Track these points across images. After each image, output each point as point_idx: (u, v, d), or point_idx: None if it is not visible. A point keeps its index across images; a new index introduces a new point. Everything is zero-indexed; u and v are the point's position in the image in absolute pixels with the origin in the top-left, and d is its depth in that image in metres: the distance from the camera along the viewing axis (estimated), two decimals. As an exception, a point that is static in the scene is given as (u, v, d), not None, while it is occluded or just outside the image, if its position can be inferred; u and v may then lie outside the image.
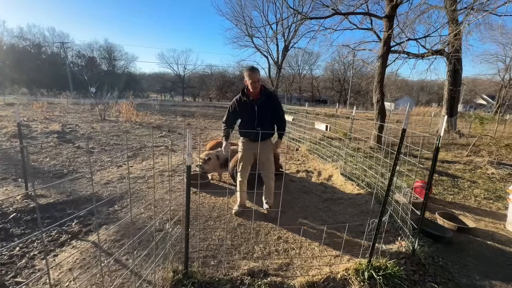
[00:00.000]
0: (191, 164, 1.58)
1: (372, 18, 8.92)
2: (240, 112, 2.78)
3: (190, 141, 1.54)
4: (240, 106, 2.76)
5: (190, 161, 1.56)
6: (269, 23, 22.34)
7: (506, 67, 27.12)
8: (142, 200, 3.24)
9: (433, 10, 9.15)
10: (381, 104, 7.28)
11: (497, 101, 28.82)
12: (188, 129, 1.50)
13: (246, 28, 24.51)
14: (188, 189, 1.62)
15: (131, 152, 5.51)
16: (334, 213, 3.26)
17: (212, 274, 1.86)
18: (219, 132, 9.15)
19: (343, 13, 7.63)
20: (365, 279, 1.94)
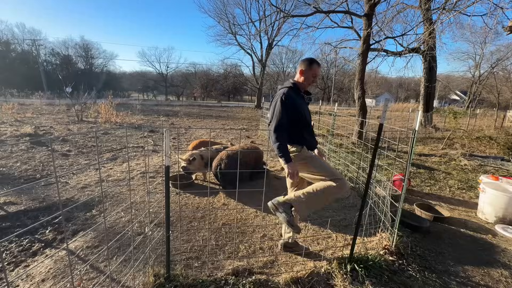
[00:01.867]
0: (169, 165, 1.53)
1: (352, 16, 9.13)
2: (300, 111, 2.00)
3: (169, 141, 1.49)
4: (301, 105, 2.03)
5: (168, 161, 1.51)
6: (252, 21, 22.24)
7: (476, 64, 28.79)
8: (122, 203, 3.12)
9: (409, 9, 9.53)
10: (362, 101, 7.48)
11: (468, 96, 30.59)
12: (166, 129, 1.45)
13: (229, 26, 24.29)
14: (168, 189, 1.58)
15: (110, 154, 5.29)
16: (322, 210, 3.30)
17: (195, 276, 1.83)
18: (204, 131, 9.04)
19: (324, 11, 7.74)
20: (347, 271, 1.98)
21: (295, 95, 1.99)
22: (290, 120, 1.93)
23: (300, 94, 2.07)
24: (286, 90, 1.97)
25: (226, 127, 10.94)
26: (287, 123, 1.92)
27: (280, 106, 1.90)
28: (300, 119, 2.00)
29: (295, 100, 1.97)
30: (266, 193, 3.71)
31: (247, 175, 3.82)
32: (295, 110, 1.95)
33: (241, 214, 3.01)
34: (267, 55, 25.20)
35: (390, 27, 9.10)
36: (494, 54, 27.19)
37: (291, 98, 1.93)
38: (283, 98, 1.91)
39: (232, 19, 24.35)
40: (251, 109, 23.33)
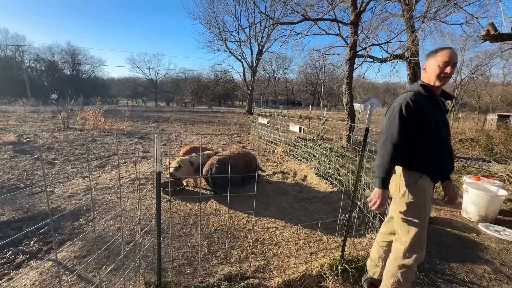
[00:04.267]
0: (160, 171, 1.53)
1: (339, 24, 9.43)
2: (429, 123, 1.47)
3: (160, 147, 1.49)
4: (433, 115, 1.48)
5: (159, 167, 1.51)
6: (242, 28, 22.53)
7: (457, 70, 30.11)
8: (111, 211, 3.05)
9: (393, 18, 9.94)
10: (350, 105, 7.67)
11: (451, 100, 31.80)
12: (157, 135, 1.45)
13: (220, 32, 24.49)
14: (159, 196, 1.57)
15: (99, 161, 5.18)
16: (309, 212, 3.34)
17: (187, 283, 1.81)
18: (195, 137, 8.99)
19: (312, 19, 7.96)
20: (338, 272, 2.01)
21: (426, 102, 1.48)
22: (410, 135, 1.46)
23: (434, 100, 1.52)
24: (411, 95, 1.46)
25: (217, 132, 10.92)
26: (404, 139, 1.44)
27: (398, 117, 1.43)
28: (427, 134, 1.47)
29: (424, 108, 1.45)
30: (258, 198, 3.75)
31: (239, 180, 3.82)
32: (421, 122, 1.45)
33: (233, 219, 3.01)
34: (258, 61, 25.50)
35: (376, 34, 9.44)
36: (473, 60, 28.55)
37: (417, 105, 1.44)
38: (403, 107, 1.44)
39: (222, 26, 24.60)
40: (242, 114, 23.39)
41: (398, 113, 1.44)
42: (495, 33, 2.24)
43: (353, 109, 7.78)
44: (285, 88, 52.53)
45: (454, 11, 4.48)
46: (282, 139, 7.16)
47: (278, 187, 4.16)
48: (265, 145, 7.65)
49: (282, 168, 5.27)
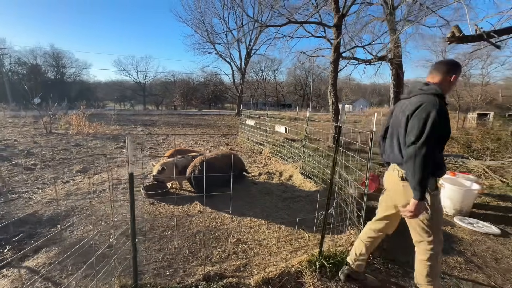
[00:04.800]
0: (133, 172, 1.53)
1: (325, 27, 9.63)
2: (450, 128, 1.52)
3: (131, 148, 1.49)
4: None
5: (132, 168, 1.51)
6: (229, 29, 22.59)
7: (439, 71, 31.27)
8: (92, 216, 2.99)
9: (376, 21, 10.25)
10: (335, 106, 7.83)
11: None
12: (128, 136, 1.46)
13: (208, 35, 24.44)
14: (132, 197, 1.57)
15: (81, 166, 5.05)
16: (293, 211, 3.39)
17: (164, 284, 1.80)
18: (182, 140, 8.93)
19: (297, 22, 8.11)
20: (316, 268, 2.06)
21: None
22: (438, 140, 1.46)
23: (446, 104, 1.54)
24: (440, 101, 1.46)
25: (205, 135, 10.87)
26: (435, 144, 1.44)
27: (438, 119, 1.39)
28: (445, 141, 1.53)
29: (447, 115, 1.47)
30: (243, 198, 3.77)
31: (223, 181, 3.82)
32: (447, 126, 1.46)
33: (216, 220, 3.01)
34: (246, 63, 25.59)
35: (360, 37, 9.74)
36: (454, 62, 29.72)
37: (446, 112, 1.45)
38: (437, 113, 1.40)
39: (210, 28, 24.56)
40: (232, 117, 23.36)
41: (433, 120, 1.39)
42: (460, 35, 2.37)
43: (338, 109, 7.95)
44: (275, 90, 52.89)
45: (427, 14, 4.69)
46: (269, 140, 7.22)
47: (263, 188, 4.19)
48: (252, 146, 7.68)
49: (268, 169, 5.31)
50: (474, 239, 2.85)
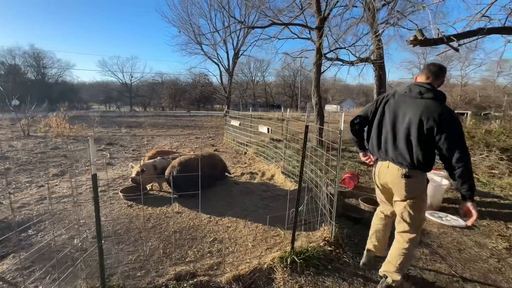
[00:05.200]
0: (96, 173, 1.53)
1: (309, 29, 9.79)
2: None
3: (94, 149, 1.49)
4: None
5: (94, 169, 1.51)
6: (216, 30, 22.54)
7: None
8: (66, 220, 2.93)
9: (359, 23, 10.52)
10: (319, 107, 7.98)
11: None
12: (90, 137, 1.46)
13: (195, 36, 24.26)
14: (96, 197, 1.56)
15: (58, 169, 4.91)
16: (272, 210, 3.44)
17: (134, 285, 1.80)
18: (167, 141, 8.82)
19: (280, 23, 8.21)
20: (287, 264, 2.11)
21: None
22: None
23: None
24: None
25: (191, 136, 10.79)
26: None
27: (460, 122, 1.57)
28: None
29: None
30: (223, 198, 3.79)
31: (203, 182, 3.83)
32: None
33: (194, 221, 3.02)
34: (234, 64, 25.59)
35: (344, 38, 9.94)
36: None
37: None
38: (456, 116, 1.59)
39: (197, 29, 24.39)
40: (220, 118, 23.26)
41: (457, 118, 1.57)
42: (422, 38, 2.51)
43: (322, 109, 8.11)
44: (264, 91, 53.12)
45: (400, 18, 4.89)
46: (254, 140, 7.27)
47: (244, 187, 4.22)
48: (237, 147, 7.71)
49: (251, 169, 5.36)
50: (441, 232, 3.00)
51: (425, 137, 1.61)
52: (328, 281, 2.00)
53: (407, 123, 1.65)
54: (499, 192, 4.45)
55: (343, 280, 2.02)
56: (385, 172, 1.83)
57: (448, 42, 2.54)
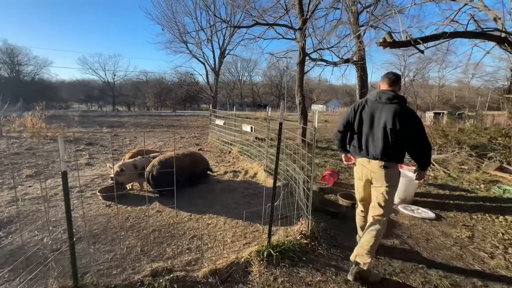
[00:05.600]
0: (66, 170, 1.52)
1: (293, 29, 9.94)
2: None
3: (64, 146, 1.48)
4: None
5: (64, 166, 1.50)
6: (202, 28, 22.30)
7: (402, 73, 33.79)
8: (39, 221, 2.84)
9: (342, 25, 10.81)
10: (302, 106, 8.14)
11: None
12: (60, 135, 1.45)
13: (180, 34, 23.87)
14: (67, 195, 1.55)
15: (32, 170, 4.72)
16: (252, 206, 3.49)
17: (109, 283, 1.80)
18: (150, 141, 8.66)
19: (264, 24, 8.29)
20: (264, 257, 2.18)
21: None
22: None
23: None
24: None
25: (176, 135, 10.66)
26: None
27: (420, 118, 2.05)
28: None
29: None
30: (205, 196, 3.81)
31: (184, 180, 3.83)
32: None
33: (174, 219, 3.02)
34: (220, 63, 25.44)
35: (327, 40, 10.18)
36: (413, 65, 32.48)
37: None
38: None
39: (182, 27, 24.02)
40: (206, 118, 23.06)
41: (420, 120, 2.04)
42: (391, 40, 2.66)
43: (305, 109, 8.27)
44: (251, 91, 53.19)
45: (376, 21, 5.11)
46: (239, 140, 7.30)
47: (227, 185, 4.26)
48: (222, 146, 7.71)
49: (235, 168, 5.39)
50: (412, 224, 3.18)
51: (398, 134, 1.96)
52: (302, 272, 2.09)
53: (383, 124, 2.00)
54: (467, 186, 4.75)
55: (316, 270, 2.11)
56: (367, 166, 2.13)
57: (415, 44, 2.71)
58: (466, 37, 2.89)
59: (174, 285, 1.83)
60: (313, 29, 9.75)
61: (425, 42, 2.70)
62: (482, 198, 4.11)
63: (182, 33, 23.55)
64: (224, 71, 44.30)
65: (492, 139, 7.99)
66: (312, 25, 8.98)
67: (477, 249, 2.63)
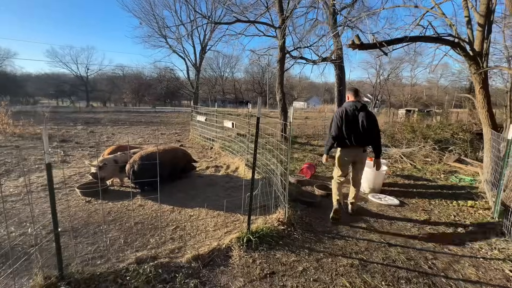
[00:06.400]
0: (50, 162, 1.57)
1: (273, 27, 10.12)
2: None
3: (47, 139, 1.53)
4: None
5: (48, 158, 1.55)
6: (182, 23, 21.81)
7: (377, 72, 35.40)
8: (15, 218, 2.78)
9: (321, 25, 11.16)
10: (283, 103, 8.38)
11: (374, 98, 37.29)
12: (43, 127, 1.49)
13: (159, 28, 23.15)
14: (51, 187, 1.60)
15: (2, 168, 4.49)
16: (233, 198, 3.64)
17: (93, 271, 1.87)
18: (130, 138, 8.46)
19: (245, 21, 8.37)
20: (244, 243, 2.35)
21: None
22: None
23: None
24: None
25: (156, 132, 10.48)
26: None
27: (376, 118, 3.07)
28: None
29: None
30: (187, 191, 3.89)
31: (166, 175, 3.88)
32: None
33: (156, 212, 3.09)
34: (201, 59, 25.08)
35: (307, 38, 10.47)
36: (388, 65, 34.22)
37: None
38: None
39: (162, 21, 23.30)
40: (188, 114, 22.71)
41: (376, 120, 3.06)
42: (359, 42, 2.92)
43: (286, 105, 8.52)
44: (233, 87, 52.93)
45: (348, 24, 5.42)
46: (220, 135, 7.39)
47: (209, 180, 4.37)
48: (204, 142, 7.75)
49: (217, 163, 5.50)
50: (379, 210, 3.51)
51: (368, 128, 2.92)
52: (279, 254, 2.28)
53: (361, 124, 2.94)
54: (429, 176, 5.25)
55: (291, 252, 2.32)
56: (351, 152, 3.11)
57: (380, 47, 2.99)
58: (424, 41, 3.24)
59: (159, 270, 1.94)
60: (293, 28, 10.00)
61: (389, 45, 2.99)
62: (440, 186, 4.59)
63: (161, 27, 22.87)
64: (206, 67, 43.68)
65: (454, 134, 8.79)
66: (292, 23, 9.23)
67: (432, 229, 3.00)
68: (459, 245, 2.64)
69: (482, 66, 3.49)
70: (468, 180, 4.96)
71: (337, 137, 3.03)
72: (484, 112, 3.73)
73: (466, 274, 2.17)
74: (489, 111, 3.70)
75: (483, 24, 3.46)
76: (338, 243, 2.56)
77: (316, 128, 12.84)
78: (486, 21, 3.49)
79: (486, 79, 3.60)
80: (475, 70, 3.47)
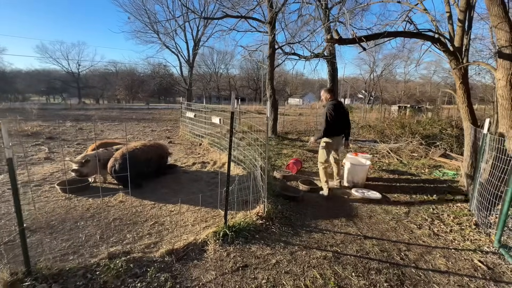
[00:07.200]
0: (11, 157, 1.54)
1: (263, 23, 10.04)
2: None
3: (7, 133, 1.50)
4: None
5: (10, 153, 1.52)
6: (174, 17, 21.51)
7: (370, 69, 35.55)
8: (-10, 216, 2.75)
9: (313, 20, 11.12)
10: (273, 98, 8.37)
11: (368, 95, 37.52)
12: (3, 122, 1.47)
13: (150, 23, 22.79)
14: (14, 182, 1.58)
15: (-18, 166, 4.41)
16: (217, 194, 3.65)
17: (62, 267, 1.86)
18: (119, 134, 8.37)
19: (234, 16, 8.30)
20: (220, 237, 2.36)
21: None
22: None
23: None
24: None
25: (147, 129, 10.39)
26: None
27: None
28: None
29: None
30: (170, 186, 3.87)
31: (149, 172, 3.86)
32: None
33: (137, 208, 3.08)
34: (194, 55, 24.84)
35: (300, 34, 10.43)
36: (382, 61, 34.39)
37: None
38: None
39: (153, 16, 22.95)
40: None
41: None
42: (337, 37, 2.92)
43: (276, 101, 8.51)
44: (228, 84, 52.60)
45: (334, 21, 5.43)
46: (209, 132, 7.36)
47: (194, 176, 4.36)
48: (193, 138, 7.72)
49: (204, 159, 5.49)
50: (360, 204, 3.56)
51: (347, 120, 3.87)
52: (254, 247, 2.30)
53: (342, 115, 3.73)
54: (414, 171, 5.32)
55: (267, 246, 2.34)
56: (339, 140, 3.89)
57: (359, 42, 3.00)
58: (404, 36, 3.26)
59: (130, 264, 1.94)
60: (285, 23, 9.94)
61: (368, 40, 3.01)
62: (423, 181, 4.67)
63: (152, 22, 22.52)
64: (200, 63, 43.28)
65: (443, 130, 8.92)
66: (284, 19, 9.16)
67: (410, 222, 3.05)
68: (432, 236, 2.70)
69: (461, 62, 3.54)
70: (451, 174, 5.05)
71: (332, 127, 3.67)
72: (464, 107, 3.79)
73: (436, 265, 2.22)
74: (469, 106, 3.76)
75: (462, 19, 3.49)
76: (315, 236, 2.60)
77: (309, 125, 12.91)
78: (466, 16, 3.52)
79: (466, 74, 3.65)
80: (455, 66, 3.51)
